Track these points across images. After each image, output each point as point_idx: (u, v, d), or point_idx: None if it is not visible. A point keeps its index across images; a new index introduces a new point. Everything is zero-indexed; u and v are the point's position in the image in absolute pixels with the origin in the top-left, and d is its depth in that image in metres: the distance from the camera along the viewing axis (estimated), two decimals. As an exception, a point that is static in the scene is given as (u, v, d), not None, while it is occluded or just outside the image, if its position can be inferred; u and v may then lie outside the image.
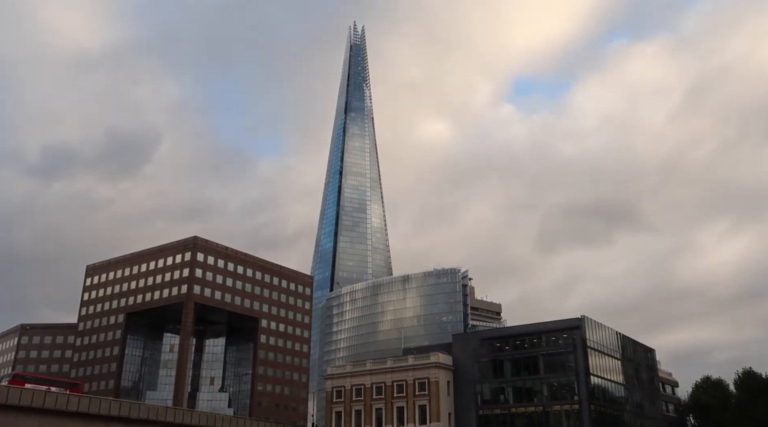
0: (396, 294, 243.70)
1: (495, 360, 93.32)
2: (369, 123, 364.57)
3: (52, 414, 72.66)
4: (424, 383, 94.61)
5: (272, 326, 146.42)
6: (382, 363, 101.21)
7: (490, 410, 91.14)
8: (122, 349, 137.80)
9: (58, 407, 72.71)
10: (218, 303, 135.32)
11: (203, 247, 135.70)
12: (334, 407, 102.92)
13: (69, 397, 74.97)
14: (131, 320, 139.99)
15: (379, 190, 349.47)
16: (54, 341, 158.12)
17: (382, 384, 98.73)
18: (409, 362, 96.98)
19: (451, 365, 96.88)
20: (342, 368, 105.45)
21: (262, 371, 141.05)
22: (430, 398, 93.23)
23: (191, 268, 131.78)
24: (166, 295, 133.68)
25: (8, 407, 68.68)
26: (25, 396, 70.06)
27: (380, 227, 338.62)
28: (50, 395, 72.98)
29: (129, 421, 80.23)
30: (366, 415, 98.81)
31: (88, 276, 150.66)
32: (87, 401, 76.32)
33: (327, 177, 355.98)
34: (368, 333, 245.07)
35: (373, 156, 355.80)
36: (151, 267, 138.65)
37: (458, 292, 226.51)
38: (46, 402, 71.69)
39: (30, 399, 70.29)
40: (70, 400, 74.44)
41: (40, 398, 71.40)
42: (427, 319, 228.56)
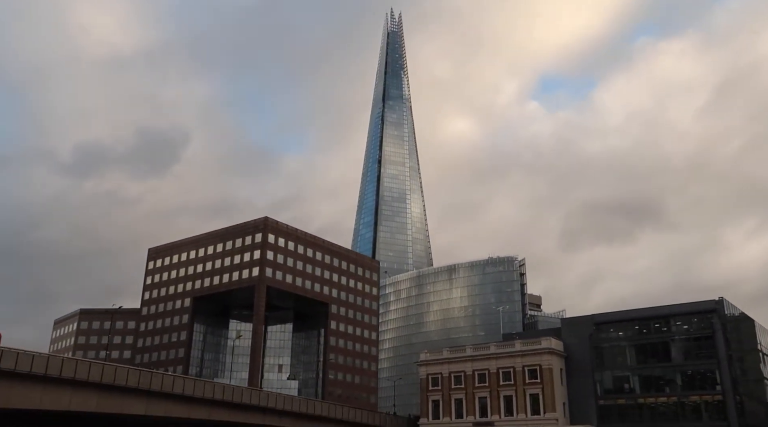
0: (442, 284, 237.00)
1: (616, 346, 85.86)
2: (407, 111, 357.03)
3: (157, 396, 67.23)
4: (536, 371, 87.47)
5: (342, 312, 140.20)
6: (485, 349, 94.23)
7: (613, 401, 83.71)
8: (189, 334, 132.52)
9: (164, 390, 67.16)
10: (289, 287, 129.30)
11: (274, 228, 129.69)
12: (431, 395, 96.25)
13: (174, 379, 69.38)
14: (198, 305, 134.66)
15: (418, 179, 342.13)
16: (114, 327, 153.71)
17: (485, 371, 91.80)
18: (517, 348, 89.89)
19: (563, 352, 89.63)
20: (438, 354, 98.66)
21: (333, 358, 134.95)
22: (543, 387, 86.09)
23: (263, 250, 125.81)
24: (236, 278, 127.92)
25: (115, 388, 63.28)
26: (132, 377, 64.53)
27: (420, 217, 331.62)
28: (156, 377, 67.46)
29: (232, 406, 74.59)
30: (468, 404, 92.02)
31: (151, 260, 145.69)
32: (192, 384, 70.66)
33: (365, 166, 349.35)
34: (415, 324, 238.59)
35: (411, 144, 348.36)
36: (219, 249, 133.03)
37: (515, 281, 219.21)
38: (152, 384, 66.12)
39: (137, 380, 64.78)
40: (175, 382, 68.85)
41: (147, 380, 65.82)
42: (480, 309, 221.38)
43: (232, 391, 74.71)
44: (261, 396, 77.63)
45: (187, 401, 70.17)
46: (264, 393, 78.82)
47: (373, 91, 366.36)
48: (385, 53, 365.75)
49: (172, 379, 69.06)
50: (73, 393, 60.41)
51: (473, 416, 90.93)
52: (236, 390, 75.35)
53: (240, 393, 75.29)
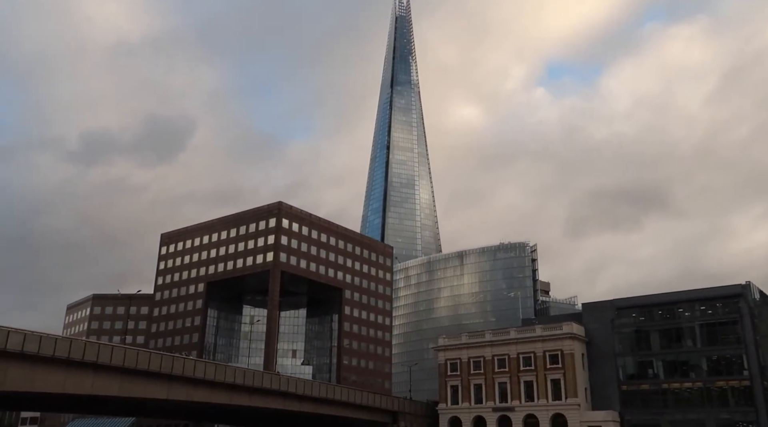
0: (452, 271, 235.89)
1: (638, 331, 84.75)
2: (415, 96, 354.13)
3: (178, 380, 66.59)
4: (557, 356, 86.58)
5: (355, 298, 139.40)
6: (504, 334, 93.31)
7: (636, 386, 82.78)
8: (203, 319, 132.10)
9: (186, 374, 66.48)
10: (303, 272, 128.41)
11: (288, 213, 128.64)
12: (449, 380, 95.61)
13: (195, 363, 68.69)
14: (211, 290, 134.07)
15: (427, 165, 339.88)
16: (127, 312, 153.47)
17: (505, 356, 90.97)
18: (538, 333, 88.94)
19: (584, 337, 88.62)
20: (457, 339, 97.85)
21: (347, 344, 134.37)
22: (565, 372, 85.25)
23: (277, 234, 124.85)
24: (250, 263, 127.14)
25: (137, 372, 62.61)
26: (154, 362, 63.85)
27: (429, 203, 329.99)
28: (177, 361, 66.79)
29: (252, 391, 73.96)
30: (487, 389, 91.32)
31: (163, 245, 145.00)
32: (213, 369, 69.99)
33: (373, 152, 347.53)
34: (425, 310, 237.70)
35: (420, 130, 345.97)
36: (232, 234, 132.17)
37: (527, 266, 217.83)
38: (174, 368, 65.44)
39: (158, 365, 64.09)
40: (196, 367, 68.15)
41: (168, 364, 65.15)
42: (491, 295, 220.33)
43: (253, 375, 74.02)
44: (282, 381, 76.94)
45: (209, 385, 69.53)
46: (284, 378, 78.15)
47: (381, 76, 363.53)
48: (393, 38, 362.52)
49: (194, 363, 68.36)
50: (95, 377, 59.77)
51: (493, 402, 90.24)
52: (257, 375, 74.68)
53: (261, 378, 74.61)
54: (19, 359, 54.19)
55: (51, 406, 77.69)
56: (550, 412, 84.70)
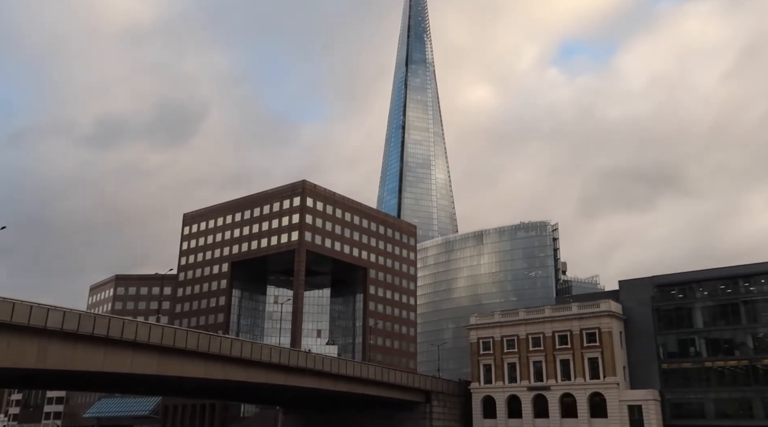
0: (470, 251, 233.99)
1: (679, 308, 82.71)
2: (430, 75, 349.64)
3: (215, 359, 65.56)
4: (594, 334, 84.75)
5: (380, 277, 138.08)
6: (539, 312, 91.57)
7: (678, 364, 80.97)
8: (228, 299, 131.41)
9: (222, 353, 65.41)
10: (328, 251, 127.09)
11: (312, 191, 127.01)
12: (482, 359, 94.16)
13: (232, 342, 67.61)
14: (235, 270, 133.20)
15: (443, 145, 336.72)
16: (150, 292, 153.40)
17: (540, 335, 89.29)
18: (574, 311, 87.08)
19: (622, 314, 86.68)
20: (489, 318, 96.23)
21: (373, 323, 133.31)
22: (603, 351, 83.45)
23: (302, 213, 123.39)
24: (275, 242, 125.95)
25: (174, 351, 61.58)
26: (191, 340, 62.76)
27: (444, 183, 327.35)
28: (214, 340, 65.73)
29: (288, 369, 72.91)
30: (522, 368, 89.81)
31: (186, 225, 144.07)
32: (249, 347, 68.89)
33: (388, 132, 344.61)
34: (445, 290, 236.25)
35: (435, 110, 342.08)
36: (256, 214, 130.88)
37: (548, 246, 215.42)
38: (210, 346, 64.36)
39: (196, 343, 63.00)
40: (233, 345, 67.07)
41: (206, 342, 64.05)
42: (511, 275, 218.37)
43: (288, 354, 72.93)
44: (316, 360, 75.81)
45: (245, 364, 68.49)
46: (319, 357, 77.00)
47: (396, 55, 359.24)
48: (408, 16, 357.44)
49: (230, 341, 67.29)
50: (134, 356, 58.79)
51: (528, 381, 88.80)
52: (292, 354, 73.58)
53: (296, 356, 73.50)
54: (59, 337, 53.21)
55: (90, 384, 77.21)
56: (587, 391, 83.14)
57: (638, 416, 78.73)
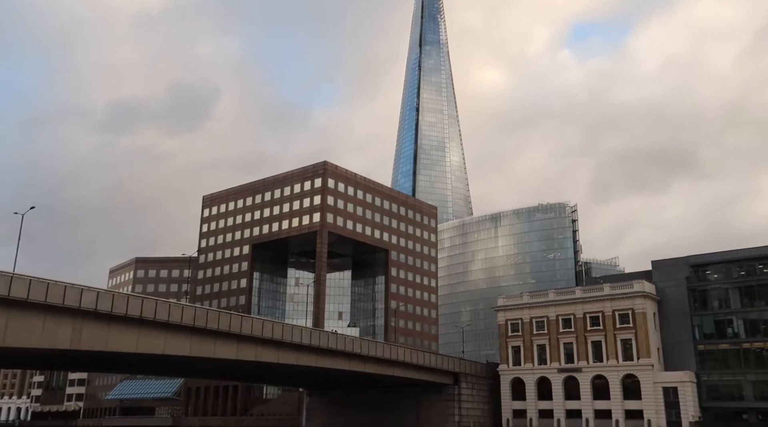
0: (486, 233, 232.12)
1: (716, 288, 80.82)
2: (444, 56, 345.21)
3: (246, 340, 64.66)
4: (627, 315, 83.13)
5: (401, 259, 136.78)
6: (569, 293, 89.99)
7: (714, 345, 79.28)
8: (249, 282, 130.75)
9: (254, 334, 64.47)
10: (350, 233, 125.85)
11: (334, 172, 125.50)
12: (510, 341, 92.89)
13: (263, 323, 66.63)
14: (256, 252, 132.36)
15: (457, 127, 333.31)
16: (170, 275, 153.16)
17: (570, 316, 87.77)
18: (606, 292, 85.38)
19: (655, 295, 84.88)
20: (518, 299, 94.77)
21: (396, 306, 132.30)
22: (636, 332, 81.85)
23: (323, 195, 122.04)
24: (296, 224, 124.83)
25: (207, 332, 60.67)
26: (223, 321, 61.81)
27: (459, 165, 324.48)
28: (246, 320, 64.81)
29: (319, 351, 71.94)
30: (552, 350, 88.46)
31: (206, 207, 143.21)
32: (280, 329, 67.91)
33: (401, 115, 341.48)
34: (461, 273, 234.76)
35: (449, 91, 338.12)
36: (277, 195, 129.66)
37: (567, 227, 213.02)
38: (242, 328, 63.41)
39: (228, 324, 62.05)
40: (264, 326, 66.09)
41: (237, 323, 63.10)
42: (529, 257, 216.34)
43: (319, 336, 71.93)
44: (347, 341, 74.84)
45: (276, 345, 67.55)
46: (349, 338, 76.03)
47: (409, 36, 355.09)
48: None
49: (261, 323, 66.28)
50: (167, 337, 57.89)
51: (558, 363, 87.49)
52: (323, 335, 72.57)
53: (327, 338, 72.48)
54: (93, 317, 52.31)
55: (116, 367, 76.66)
56: (620, 372, 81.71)
57: (674, 398, 77.31)
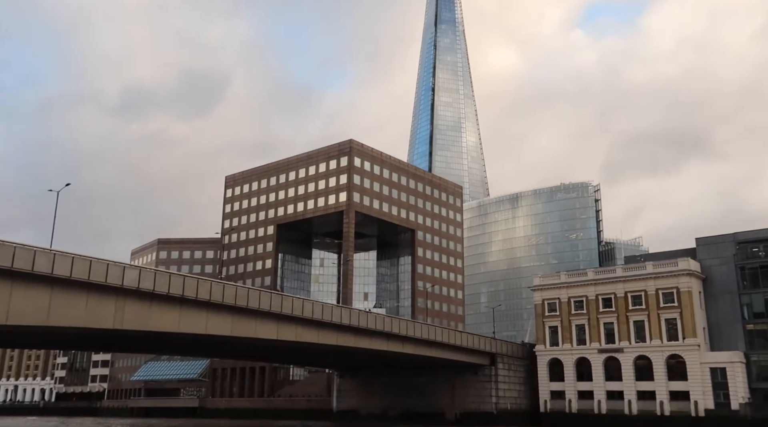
0: (505, 214, 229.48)
1: (766, 266, 77.89)
2: (460, 35, 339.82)
3: (287, 320, 62.87)
4: (672, 294, 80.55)
5: (427, 239, 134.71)
6: (609, 272, 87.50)
7: (765, 325, 76.66)
8: (274, 262, 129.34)
9: (294, 314, 62.66)
10: (376, 213, 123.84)
11: (360, 151, 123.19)
12: (547, 321, 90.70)
13: (303, 303, 64.80)
14: (281, 232, 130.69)
15: (473, 106, 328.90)
16: (193, 256, 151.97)
17: (611, 295, 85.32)
18: (649, 270, 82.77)
19: (701, 273, 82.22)
20: (555, 278, 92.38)
21: (421, 286, 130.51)
22: (682, 311, 79.32)
23: (350, 174, 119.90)
24: (322, 204, 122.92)
25: (248, 311, 58.90)
26: (264, 300, 60.02)
27: (475, 146, 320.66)
28: (287, 300, 63.00)
29: (358, 331, 70.16)
30: (591, 330, 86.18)
31: (228, 187, 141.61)
32: (320, 308, 66.08)
33: (417, 94, 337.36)
34: (479, 254, 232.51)
35: (465, 71, 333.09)
36: (302, 175, 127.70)
37: (590, 207, 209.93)
38: (283, 307, 61.59)
39: (269, 303, 60.24)
40: (304, 306, 64.26)
41: (278, 303, 61.28)
42: (551, 237, 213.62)
43: (358, 315, 70.10)
44: (386, 321, 73.02)
45: (317, 325, 65.75)
46: (388, 318, 74.20)
47: (424, 16, 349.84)
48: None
49: (302, 302, 64.46)
50: (209, 316, 56.14)
51: (598, 343, 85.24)
52: (362, 315, 70.72)
53: (366, 318, 70.65)
54: (135, 296, 50.58)
55: (157, 347, 75.31)
56: (664, 353, 79.39)
57: (722, 379, 74.99)
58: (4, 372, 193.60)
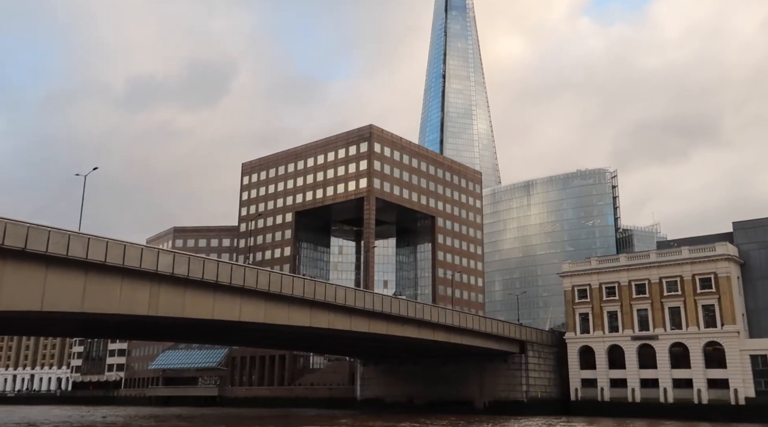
0: (519, 201, 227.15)
1: (808, 250, 75.70)
2: (471, 21, 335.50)
3: (319, 307, 61.14)
4: (709, 279, 78.36)
5: (448, 226, 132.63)
6: (643, 257, 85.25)
7: (807, 310, 74.47)
8: (293, 249, 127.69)
9: (327, 300, 60.91)
10: (397, 199, 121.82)
11: (379, 137, 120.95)
12: (577, 308, 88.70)
13: (336, 289, 62.99)
14: (299, 220, 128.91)
15: (484, 94, 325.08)
16: (209, 244, 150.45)
17: (644, 281, 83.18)
18: (685, 255, 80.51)
19: (739, 258, 79.96)
20: (586, 264, 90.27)
21: (442, 273, 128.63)
22: (720, 297, 77.14)
23: (370, 160, 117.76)
24: (342, 190, 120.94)
25: (281, 298, 57.22)
26: (297, 286, 58.25)
27: (487, 133, 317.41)
28: (319, 286, 61.16)
29: (390, 318, 68.41)
30: (624, 317, 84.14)
31: (245, 174, 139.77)
32: (353, 295, 64.34)
33: (427, 82, 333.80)
34: (493, 242, 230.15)
35: (476, 57, 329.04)
36: (320, 161, 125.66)
37: (607, 193, 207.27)
38: (316, 293, 59.84)
39: (302, 290, 58.50)
40: (337, 292, 62.48)
41: (311, 289, 59.51)
42: (567, 224, 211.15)
43: (390, 302, 68.35)
44: (417, 308, 71.21)
45: (349, 312, 64.02)
46: (419, 305, 72.34)
47: (434, 2, 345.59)
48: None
49: (334, 288, 62.64)
50: (242, 303, 54.45)
51: (631, 330, 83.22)
52: (394, 302, 68.97)
53: (398, 305, 68.88)
54: (169, 282, 48.89)
55: (188, 335, 73.81)
56: (702, 340, 77.32)
57: (763, 367, 72.92)
58: (20, 361, 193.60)
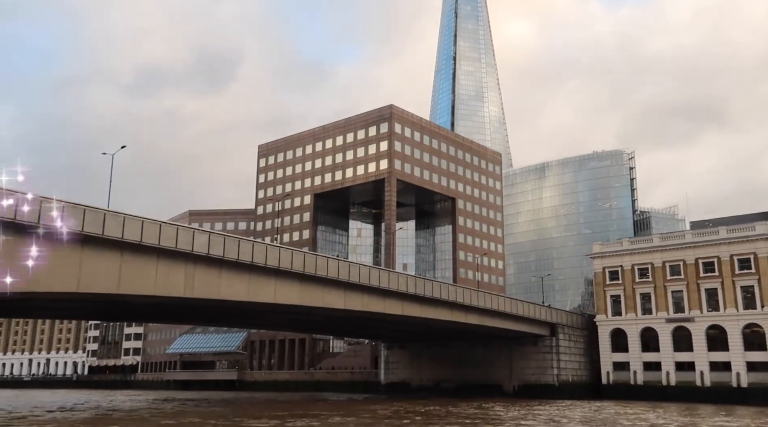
0: (531, 184, 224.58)
1: None
2: (482, 3, 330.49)
3: (353, 289, 59.44)
4: (748, 260, 76.20)
5: (468, 208, 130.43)
6: (677, 238, 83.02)
7: None
8: (312, 232, 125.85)
9: (361, 282, 59.17)
10: (417, 181, 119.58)
11: (400, 117, 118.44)
12: (608, 290, 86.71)
13: (370, 270, 61.27)
14: (318, 202, 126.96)
15: (495, 76, 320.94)
16: (225, 228, 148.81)
17: (679, 262, 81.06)
18: (722, 235, 78.24)
19: (778, 238, 77.59)
20: (617, 245, 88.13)
21: (462, 256, 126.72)
22: (760, 278, 75.02)
23: (390, 140, 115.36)
24: (362, 172, 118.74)
25: (316, 279, 55.55)
26: (332, 268, 56.49)
27: (498, 116, 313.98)
28: (354, 267, 59.48)
29: (423, 301, 66.63)
30: (658, 299, 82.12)
31: (262, 157, 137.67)
32: (386, 276, 62.63)
33: (437, 64, 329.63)
34: (508, 225, 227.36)
35: (486, 39, 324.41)
36: (339, 142, 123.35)
37: (624, 175, 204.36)
38: (350, 275, 58.07)
39: (336, 271, 56.75)
40: (371, 274, 60.74)
41: (345, 271, 57.73)
42: (583, 207, 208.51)
43: (424, 284, 66.52)
44: (450, 290, 69.41)
45: (382, 294, 62.26)
46: (452, 288, 70.59)
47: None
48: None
49: (368, 270, 60.91)
50: (277, 284, 52.75)
51: (666, 312, 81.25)
52: (427, 284, 67.14)
53: (431, 287, 67.07)
54: (205, 263, 47.17)
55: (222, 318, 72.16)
56: (741, 322, 75.35)
57: (805, 349, 70.93)
58: (35, 345, 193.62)
